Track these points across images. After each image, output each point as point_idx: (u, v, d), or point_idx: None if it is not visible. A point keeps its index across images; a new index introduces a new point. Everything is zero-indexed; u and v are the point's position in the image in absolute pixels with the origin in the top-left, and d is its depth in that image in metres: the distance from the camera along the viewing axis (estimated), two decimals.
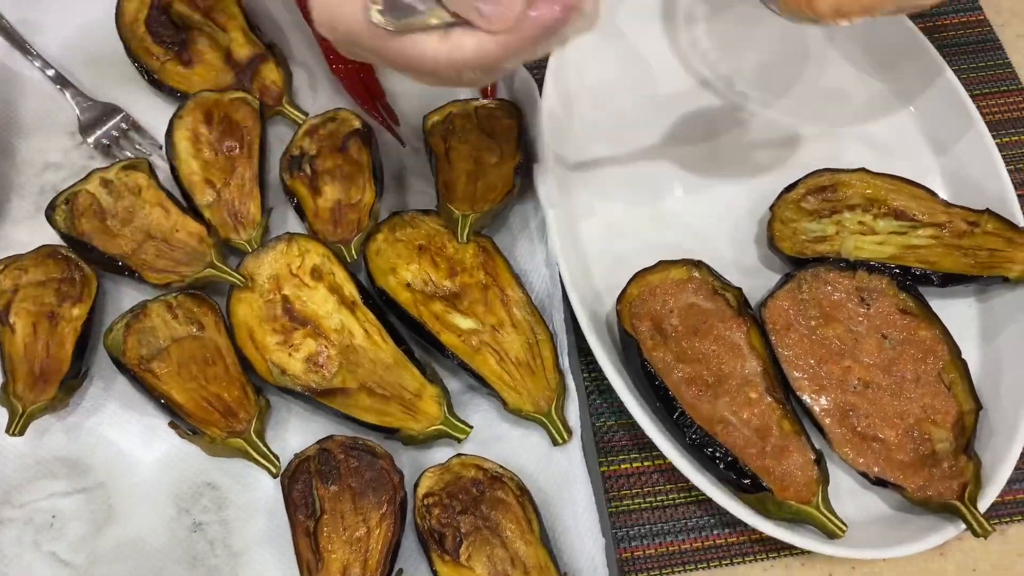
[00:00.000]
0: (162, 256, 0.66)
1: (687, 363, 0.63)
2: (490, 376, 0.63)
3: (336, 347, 0.63)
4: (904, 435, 0.61)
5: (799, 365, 0.63)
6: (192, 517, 0.61)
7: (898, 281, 0.65)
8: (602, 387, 0.67)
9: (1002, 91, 0.80)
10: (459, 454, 0.60)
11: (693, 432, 0.59)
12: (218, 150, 0.71)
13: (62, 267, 0.66)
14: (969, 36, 0.82)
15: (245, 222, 0.69)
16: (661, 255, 0.66)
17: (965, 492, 0.58)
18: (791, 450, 0.60)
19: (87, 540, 0.60)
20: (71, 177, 0.72)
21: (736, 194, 0.73)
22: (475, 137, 0.71)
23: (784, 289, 0.65)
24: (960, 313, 0.67)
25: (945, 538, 0.58)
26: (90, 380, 0.65)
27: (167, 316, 0.64)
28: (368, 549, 0.57)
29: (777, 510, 0.58)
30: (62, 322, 0.64)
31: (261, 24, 0.79)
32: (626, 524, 0.63)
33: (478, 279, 0.66)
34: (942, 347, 0.63)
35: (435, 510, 0.58)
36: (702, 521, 0.63)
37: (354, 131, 0.71)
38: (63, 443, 0.63)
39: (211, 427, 0.61)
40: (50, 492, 0.61)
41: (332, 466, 0.59)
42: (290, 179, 0.70)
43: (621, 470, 0.65)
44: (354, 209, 0.69)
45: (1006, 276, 0.65)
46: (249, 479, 0.62)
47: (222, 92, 0.72)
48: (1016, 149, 0.77)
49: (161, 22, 0.76)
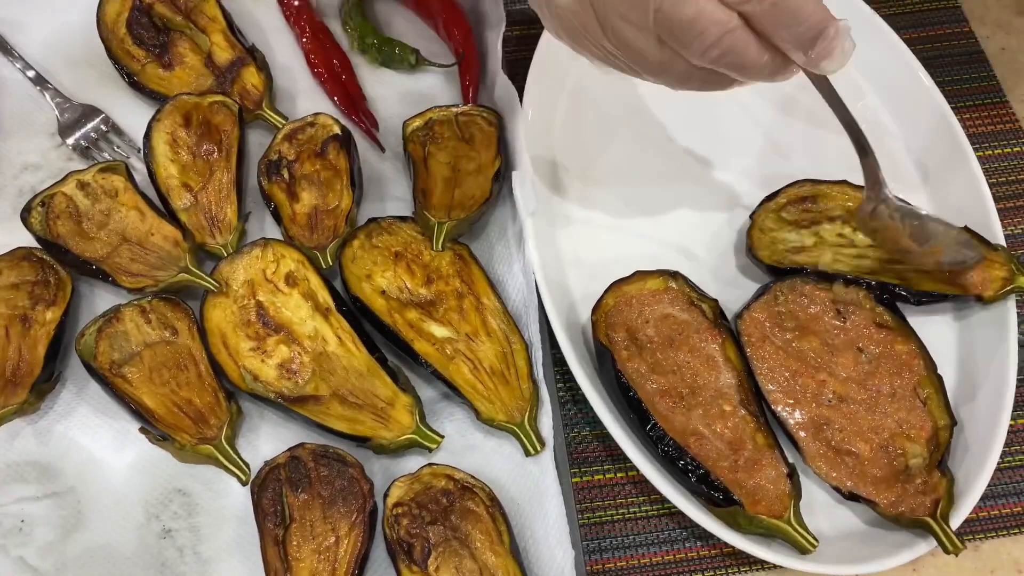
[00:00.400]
0: (137, 260, 0.66)
1: (661, 374, 0.63)
2: (463, 385, 0.62)
3: (309, 354, 0.63)
4: (878, 450, 0.61)
5: (774, 378, 0.63)
6: (162, 523, 0.61)
7: (875, 295, 0.64)
8: (576, 397, 0.67)
9: (986, 104, 0.79)
10: (430, 464, 0.60)
11: (666, 444, 0.59)
12: (196, 154, 0.71)
13: (37, 270, 0.66)
14: (954, 48, 0.82)
15: (222, 227, 0.68)
16: (639, 264, 0.66)
17: (937, 508, 0.58)
18: (764, 464, 0.59)
19: (55, 545, 0.60)
20: (49, 179, 0.72)
21: (715, 203, 0.73)
22: (454, 144, 0.71)
23: (760, 301, 0.65)
24: (937, 328, 0.67)
25: (917, 554, 0.58)
26: (62, 384, 0.65)
27: (140, 321, 0.64)
28: (337, 558, 0.57)
29: (748, 524, 0.58)
30: (35, 325, 0.64)
31: (243, 28, 0.78)
32: (597, 536, 0.62)
33: (454, 287, 0.66)
34: (918, 362, 0.63)
35: (404, 520, 0.57)
36: (674, 534, 0.62)
37: (333, 136, 0.70)
38: (33, 447, 0.63)
39: (181, 433, 0.61)
40: (19, 496, 0.61)
41: (302, 474, 0.59)
42: (268, 183, 0.70)
43: (594, 481, 0.64)
44: (331, 215, 0.68)
45: (980, 295, 0.64)
46: (220, 486, 0.62)
47: (201, 95, 0.72)
48: (1000, 162, 0.77)
49: (142, 24, 0.76)
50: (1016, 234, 0.74)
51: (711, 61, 0.50)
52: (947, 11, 0.84)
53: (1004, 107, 0.79)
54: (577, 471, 0.65)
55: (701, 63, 0.50)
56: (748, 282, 0.69)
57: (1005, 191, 0.76)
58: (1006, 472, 0.65)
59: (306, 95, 0.77)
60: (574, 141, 0.75)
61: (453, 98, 0.77)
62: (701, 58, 0.50)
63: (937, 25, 0.83)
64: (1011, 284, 0.64)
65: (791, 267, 0.66)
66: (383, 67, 0.78)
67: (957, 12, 0.84)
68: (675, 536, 0.62)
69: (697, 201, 0.73)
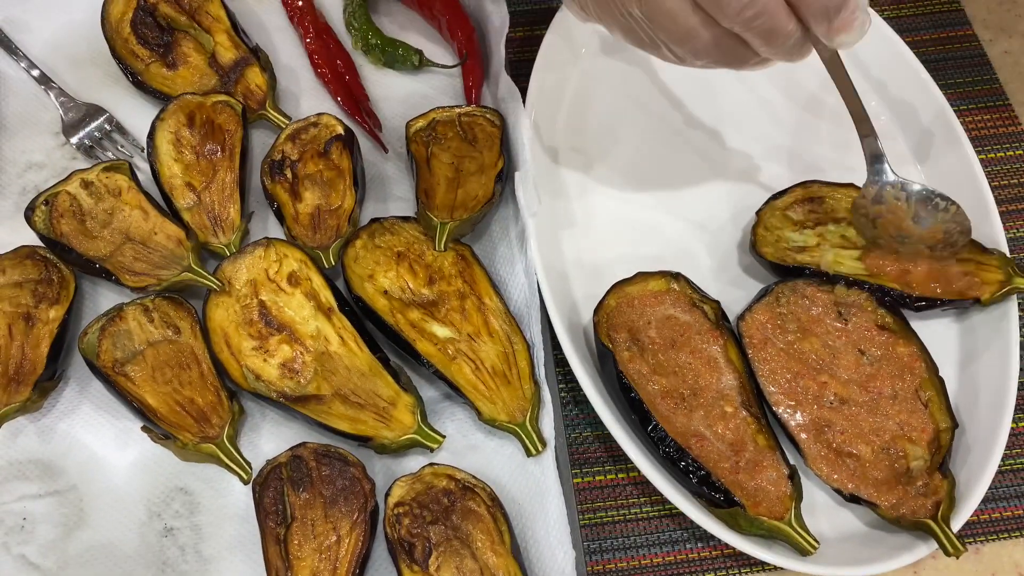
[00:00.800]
0: (140, 259, 0.66)
1: (663, 375, 0.63)
2: (465, 386, 0.62)
3: (311, 353, 0.63)
4: (879, 452, 0.61)
5: (775, 379, 0.63)
6: (163, 522, 0.61)
7: (876, 297, 0.64)
8: (578, 398, 0.67)
9: (988, 107, 0.79)
10: (431, 464, 0.60)
11: (667, 445, 0.59)
12: (200, 153, 0.71)
13: (40, 268, 0.66)
14: (957, 52, 0.82)
15: (224, 226, 0.69)
16: (642, 265, 0.66)
17: (938, 510, 0.58)
18: (765, 465, 0.59)
19: (57, 543, 0.60)
20: (53, 177, 0.72)
21: (717, 205, 0.73)
22: (457, 144, 0.71)
23: (762, 303, 0.65)
24: (938, 330, 0.67)
25: (918, 557, 0.58)
26: (65, 382, 0.65)
27: (143, 320, 0.64)
28: (338, 558, 0.57)
29: (749, 525, 0.58)
30: (38, 323, 0.64)
31: (247, 27, 0.79)
32: (598, 536, 0.63)
33: (456, 287, 0.66)
34: (920, 364, 0.63)
35: (405, 520, 0.58)
36: (674, 535, 0.63)
37: (336, 136, 0.71)
38: (36, 445, 0.63)
39: (184, 432, 0.61)
40: (21, 494, 0.61)
41: (304, 473, 0.59)
42: (271, 183, 0.70)
43: (595, 482, 0.64)
44: (334, 214, 0.69)
45: (978, 298, 0.64)
46: (222, 485, 0.62)
47: (205, 95, 0.72)
48: (1002, 165, 0.77)
49: (146, 24, 0.76)
50: (1019, 237, 0.74)
51: (744, 22, 0.51)
52: (950, 14, 0.84)
53: (1007, 110, 0.79)
54: (578, 472, 0.65)
55: (732, 24, 0.51)
56: (749, 284, 0.70)
57: (1007, 194, 0.76)
58: (1007, 475, 0.65)
59: (309, 95, 0.77)
60: (577, 142, 0.75)
61: (456, 99, 0.77)
62: (736, 17, 0.51)
63: (940, 28, 0.83)
64: (1008, 286, 0.64)
65: (793, 266, 0.66)
66: (386, 67, 0.78)
67: (960, 16, 0.84)
68: (676, 537, 0.62)
69: (699, 202, 0.73)
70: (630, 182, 0.74)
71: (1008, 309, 0.65)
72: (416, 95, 0.77)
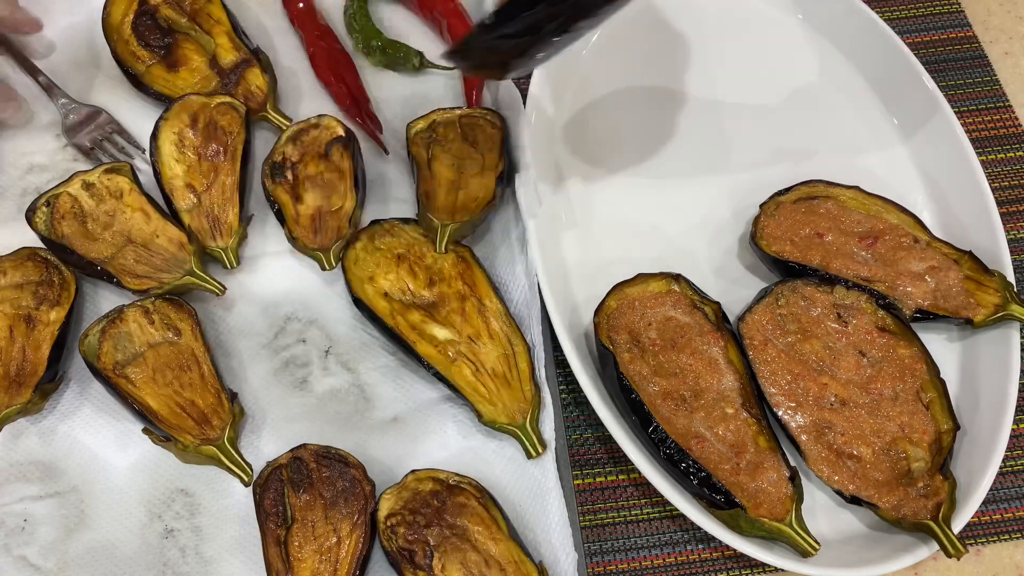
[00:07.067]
0: (141, 262, 0.66)
1: (663, 377, 0.63)
2: (465, 388, 0.62)
3: None
4: (880, 453, 0.61)
5: (776, 381, 0.63)
6: (164, 523, 0.61)
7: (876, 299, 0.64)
8: (579, 399, 0.67)
9: (989, 108, 0.79)
10: (413, 470, 0.59)
11: (667, 446, 0.59)
12: (202, 155, 0.71)
13: (41, 270, 0.66)
14: (957, 53, 0.82)
15: (223, 230, 0.68)
16: (642, 266, 0.66)
17: (939, 512, 0.57)
18: (766, 467, 0.59)
19: (58, 545, 0.60)
20: (55, 179, 0.72)
21: (717, 206, 0.73)
22: (458, 146, 0.71)
23: (762, 304, 0.65)
24: (940, 332, 0.67)
25: (919, 558, 0.58)
26: (66, 384, 0.65)
27: (143, 322, 0.64)
28: (338, 559, 0.57)
29: (750, 527, 0.58)
30: (39, 325, 0.64)
31: (247, 29, 0.79)
32: (599, 538, 0.62)
33: (456, 289, 0.66)
34: (921, 366, 0.63)
35: (401, 529, 0.57)
36: (675, 536, 0.62)
37: (337, 138, 0.71)
38: (37, 447, 0.63)
39: (184, 434, 0.61)
40: (22, 496, 0.61)
41: (304, 475, 0.59)
42: (272, 185, 0.70)
43: (596, 483, 0.64)
44: (334, 216, 0.69)
45: (971, 318, 0.64)
46: (222, 486, 0.62)
47: (209, 96, 0.72)
48: (1003, 166, 0.77)
49: (147, 26, 0.76)
50: (1019, 238, 0.74)
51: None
52: (950, 16, 0.84)
53: (1007, 111, 0.79)
54: (579, 473, 0.65)
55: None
56: (750, 284, 0.70)
57: (1008, 195, 0.76)
58: (1008, 476, 0.65)
59: (310, 97, 0.77)
60: (577, 143, 0.75)
61: (457, 100, 0.77)
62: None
63: (940, 30, 0.83)
64: (1003, 312, 0.64)
65: (791, 260, 0.66)
66: (387, 69, 0.78)
67: (960, 17, 0.84)
68: (676, 539, 0.62)
69: (699, 203, 0.73)
70: (631, 183, 0.74)
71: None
72: (417, 97, 0.77)
